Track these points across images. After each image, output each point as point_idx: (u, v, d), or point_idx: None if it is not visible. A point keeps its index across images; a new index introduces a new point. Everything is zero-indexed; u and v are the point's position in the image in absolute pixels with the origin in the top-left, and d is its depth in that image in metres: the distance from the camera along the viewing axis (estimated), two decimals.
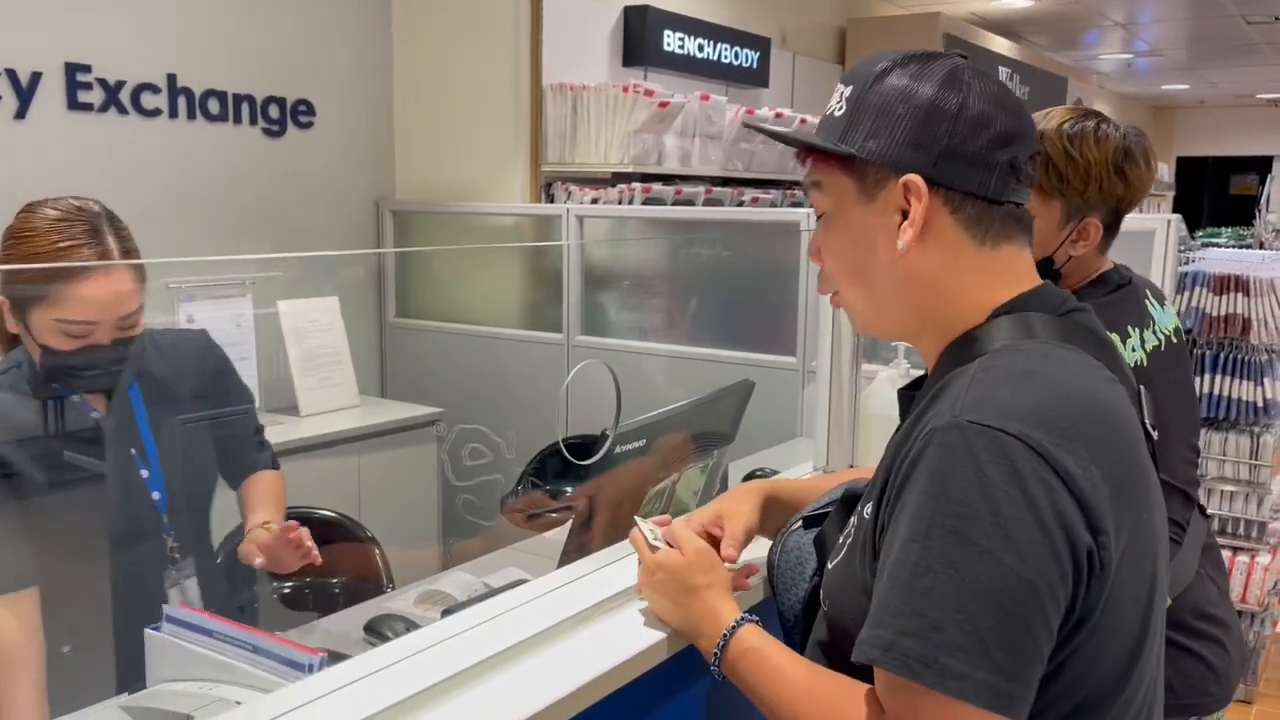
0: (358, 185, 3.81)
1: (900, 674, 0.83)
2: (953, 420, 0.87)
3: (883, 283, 1.01)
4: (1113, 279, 1.66)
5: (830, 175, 1.02)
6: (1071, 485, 0.84)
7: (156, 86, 3.18)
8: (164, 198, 3.20)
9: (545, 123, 3.71)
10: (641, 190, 3.65)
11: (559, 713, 0.98)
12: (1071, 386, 0.91)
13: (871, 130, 0.98)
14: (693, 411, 1.75)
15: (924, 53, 1.01)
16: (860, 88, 1.00)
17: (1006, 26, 7.63)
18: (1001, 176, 0.98)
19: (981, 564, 0.82)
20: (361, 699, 0.94)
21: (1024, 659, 0.83)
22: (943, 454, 0.86)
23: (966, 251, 0.99)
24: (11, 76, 2.85)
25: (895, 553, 0.87)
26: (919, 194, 0.96)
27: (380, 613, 1.72)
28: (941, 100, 0.96)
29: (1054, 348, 0.95)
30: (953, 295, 0.99)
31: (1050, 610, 0.84)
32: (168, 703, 1.06)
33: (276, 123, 3.52)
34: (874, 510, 0.95)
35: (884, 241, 0.99)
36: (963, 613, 0.82)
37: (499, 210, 3.70)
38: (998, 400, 0.88)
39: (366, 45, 3.78)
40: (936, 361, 1.02)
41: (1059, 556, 0.83)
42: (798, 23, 5.50)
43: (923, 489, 0.86)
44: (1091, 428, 0.88)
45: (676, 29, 4.27)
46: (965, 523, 0.83)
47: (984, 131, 0.97)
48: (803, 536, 1.23)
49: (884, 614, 0.86)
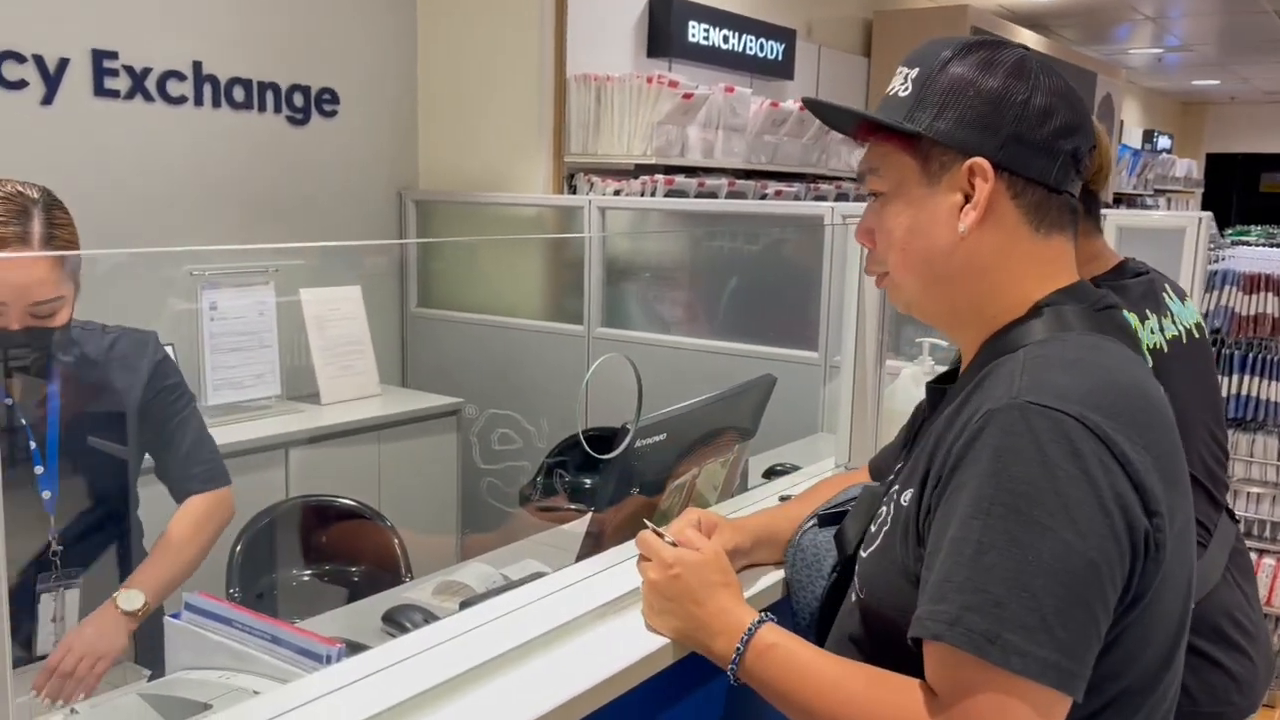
0: (381, 174, 3.82)
1: (965, 649, 0.83)
2: (1011, 401, 0.88)
3: (936, 266, 1.02)
4: (1130, 268, 1.69)
5: (891, 155, 1.03)
6: (1128, 467, 0.86)
7: (182, 74, 3.19)
8: (188, 185, 3.22)
9: (569, 113, 3.69)
10: (664, 182, 3.63)
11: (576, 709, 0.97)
12: (1119, 374, 0.93)
13: (939, 112, 0.99)
14: (714, 406, 1.73)
15: (993, 40, 1.03)
16: (928, 70, 1.01)
17: (1035, 19, 7.55)
18: (1064, 165, 1.00)
19: (1044, 542, 0.83)
20: (379, 691, 0.94)
21: (1084, 637, 0.83)
22: (1003, 434, 0.86)
23: (1022, 238, 1.00)
24: (39, 63, 2.86)
25: (955, 529, 0.87)
26: (985, 176, 0.98)
27: (399, 603, 1.72)
28: (1010, 88, 0.99)
29: (1097, 338, 0.97)
30: (1001, 282, 1.01)
31: (1109, 590, 0.84)
32: (186, 691, 1.06)
33: (301, 111, 3.53)
34: (916, 495, 0.95)
35: (943, 223, 1.00)
36: (1026, 590, 0.82)
37: (521, 201, 3.69)
38: (1055, 383, 0.89)
39: (391, 35, 3.77)
40: (977, 352, 1.02)
41: (1118, 537, 0.84)
42: (824, 15, 5.47)
43: (983, 468, 0.86)
44: (1141, 415, 0.90)
45: (701, 20, 4.25)
46: (1028, 501, 0.84)
47: (1049, 121, 0.98)
48: (818, 534, 1.22)
49: (947, 589, 0.85)
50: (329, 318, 3.33)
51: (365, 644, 1.21)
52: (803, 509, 1.33)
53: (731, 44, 4.42)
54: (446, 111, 3.82)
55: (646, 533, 1.16)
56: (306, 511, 2.58)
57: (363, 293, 3.46)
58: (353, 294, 3.42)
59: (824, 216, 2.99)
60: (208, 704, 1.01)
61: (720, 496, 1.81)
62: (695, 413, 1.68)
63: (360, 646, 1.16)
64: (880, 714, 0.92)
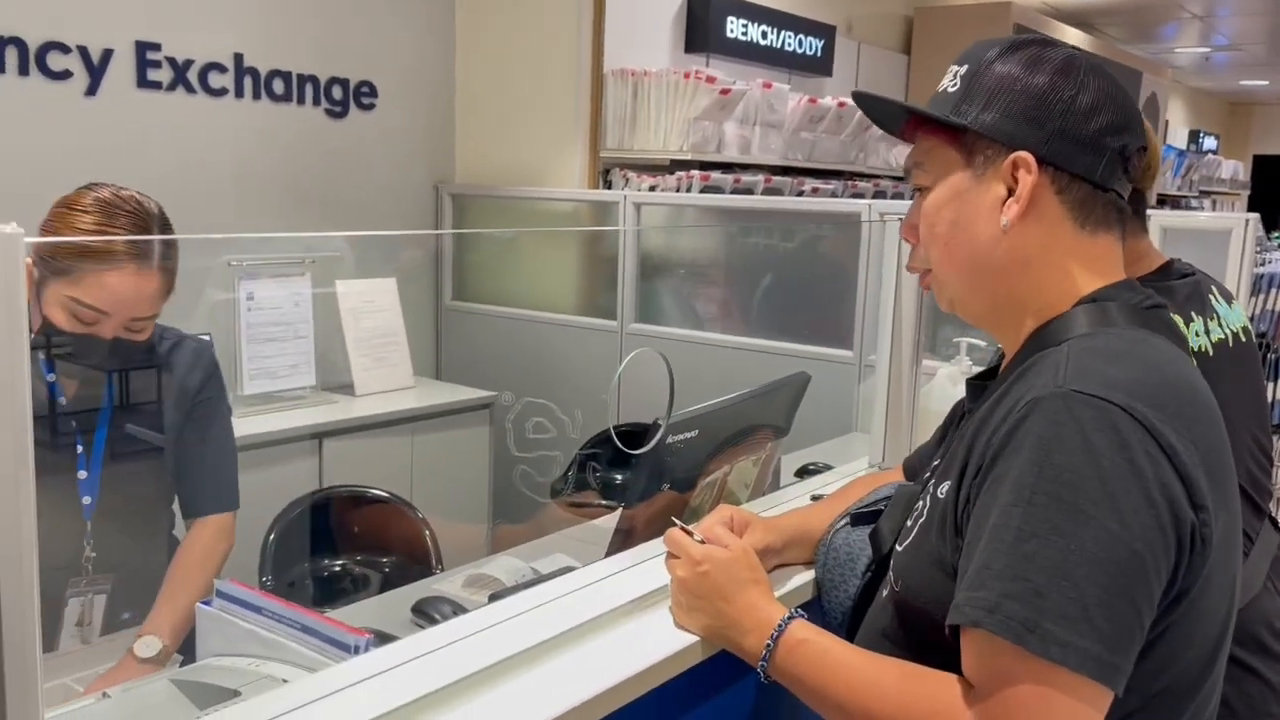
0: (418, 168, 3.83)
1: (1004, 636, 0.82)
2: (1056, 389, 0.86)
3: (980, 260, 1.01)
4: (1177, 269, 1.66)
5: (937, 149, 1.03)
6: (1174, 459, 0.84)
7: (223, 66, 3.22)
8: (227, 176, 3.25)
9: (605, 108, 3.69)
10: (700, 178, 3.62)
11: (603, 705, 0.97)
12: (1167, 368, 0.91)
13: (986, 105, 0.99)
14: (747, 403, 1.72)
15: (1043, 39, 1.03)
16: (976, 66, 1.02)
17: (1080, 17, 7.45)
18: (1110, 163, 0.99)
19: (1087, 531, 0.81)
20: (406, 683, 0.94)
21: (1126, 629, 0.82)
22: (1047, 422, 0.85)
23: (1066, 234, 0.99)
24: (84, 53, 2.90)
25: (996, 516, 0.86)
26: (1029, 169, 0.97)
27: (428, 594, 1.72)
28: (1057, 84, 0.98)
29: (1146, 333, 0.95)
30: (1045, 278, 1.00)
31: (1154, 582, 0.83)
32: (216, 678, 1.07)
33: (339, 104, 3.55)
34: (954, 486, 0.94)
35: (987, 217, 0.99)
36: (1067, 579, 0.81)
37: (556, 196, 3.69)
38: (1101, 373, 0.87)
39: (429, 28, 3.79)
40: (1020, 347, 1.01)
41: (1164, 529, 0.83)
42: (864, 11, 5.42)
43: (1026, 455, 0.85)
44: (1189, 408, 0.89)
45: (740, 15, 4.23)
46: (1071, 489, 0.82)
47: (1096, 117, 0.98)
48: (851, 533, 1.21)
49: (986, 576, 0.84)
50: (364, 310, 3.35)
51: (394, 635, 1.21)
52: (835, 508, 1.32)
53: (770, 40, 4.40)
54: (484, 105, 3.83)
55: (675, 530, 1.16)
56: (339, 501, 2.60)
57: (398, 285, 3.48)
58: (388, 286, 3.44)
59: (861, 214, 2.96)
60: (237, 691, 1.01)
61: (752, 495, 1.80)
62: (727, 410, 1.66)
63: (389, 637, 1.16)
64: (915, 707, 0.90)
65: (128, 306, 1.60)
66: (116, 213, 1.61)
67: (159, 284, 1.64)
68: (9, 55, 2.75)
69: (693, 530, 1.16)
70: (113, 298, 1.58)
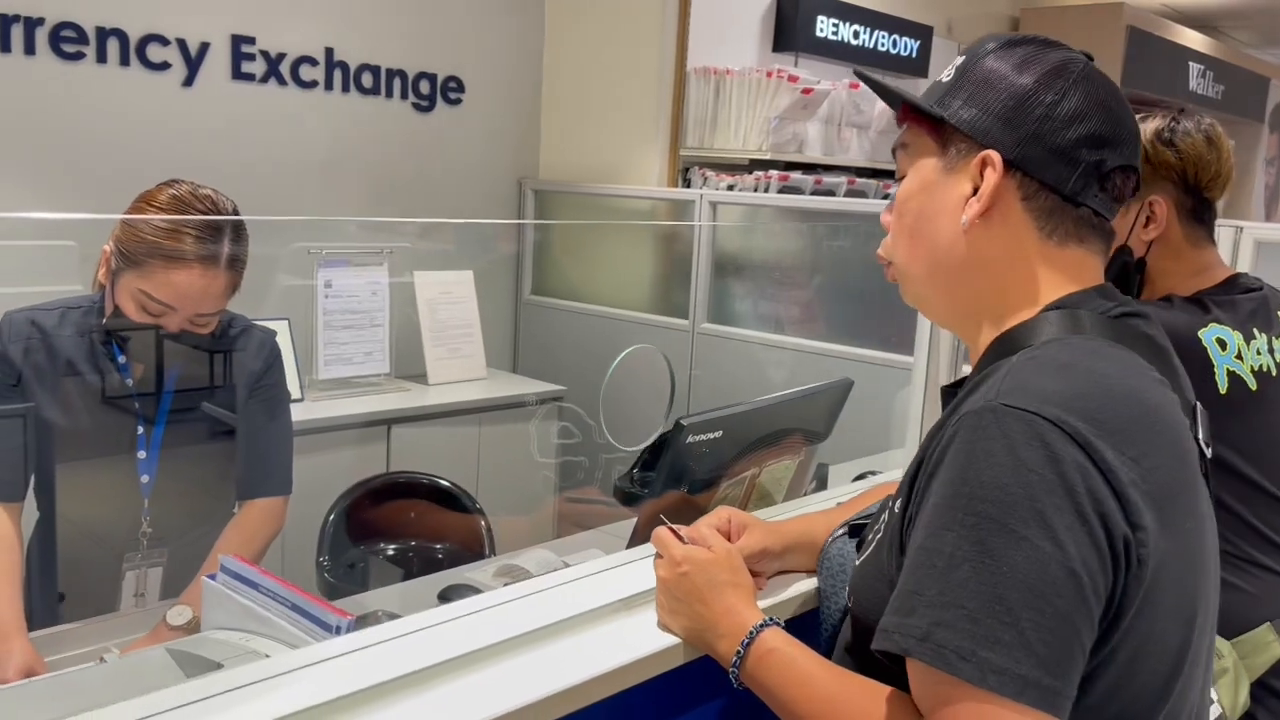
0: (502, 163, 3.89)
1: (937, 666, 0.79)
2: (987, 404, 0.83)
3: (939, 257, 0.99)
4: (1243, 282, 1.60)
5: (919, 138, 1.02)
6: (1109, 476, 0.80)
7: (315, 59, 3.32)
8: (315, 166, 3.35)
9: (687, 107, 3.68)
10: (778, 178, 3.58)
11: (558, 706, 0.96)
12: (1116, 381, 0.87)
13: (968, 100, 0.97)
14: (778, 407, 1.70)
15: (1044, 39, 0.99)
16: (971, 60, 1.00)
17: (1203, 20, 7.12)
18: (1084, 176, 0.95)
19: (1019, 552, 0.78)
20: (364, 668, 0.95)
21: (1067, 652, 0.78)
22: (975, 437, 0.82)
23: (1029, 242, 0.96)
24: (182, 46, 3.03)
25: (926, 539, 0.83)
26: (994, 169, 0.94)
27: (457, 581, 1.75)
28: (1041, 87, 0.95)
29: (1102, 344, 0.91)
30: (1006, 283, 0.97)
31: (1092, 601, 0.79)
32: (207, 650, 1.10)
33: (426, 98, 3.63)
34: (903, 503, 0.92)
35: (950, 213, 0.97)
36: (1001, 603, 0.77)
37: (635, 193, 3.71)
38: (1037, 386, 0.84)
39: (518, 25, 3.84)
40: (983, 354, 0.98)
41: (1099, 545, 0.79)
42: (967, 11, 5.29)
43: (955, 473, 0.82)
44: (1133, 425, 0.84)
45: (831, 14, 4.17)
46: (1001, 508, 0.79)
47: (1076, 127, 0.94)
48: (846, 543, 1.18)
49: (917, 603, 0.81)
50: (440, 301, 3.41)
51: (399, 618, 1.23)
52: (842, 516, 1.29)
53: (862, 40, 4.33)
54: (569, 102, 3.87)
55: (662, 529, 1.15)
56: (399, 487, 2.65)
57: (480, 278, 3.54)
58: (465, 279, 3.50)
59: None
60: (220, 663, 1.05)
61: (787, 498, 1.78)
62: (755, 413, 1.65)
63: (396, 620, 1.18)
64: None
65: (192, 303, 1.67)
66: (189, 211, 1.69)
67: (224, 283, 1.71)
68: (111, 46, 2.89)
69: (679, 530, 1.15)
70: (178, 294, 1.65)
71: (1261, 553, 1.52)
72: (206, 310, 1.70)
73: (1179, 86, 6.04)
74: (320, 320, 3.10)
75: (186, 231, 1.65)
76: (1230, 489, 1.50)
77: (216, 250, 1.68)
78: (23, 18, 2.72)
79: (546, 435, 3.23)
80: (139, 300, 1.65)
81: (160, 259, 1.64)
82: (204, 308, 1.69)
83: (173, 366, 1.79)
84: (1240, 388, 1.49)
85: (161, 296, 1.65)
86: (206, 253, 1.67)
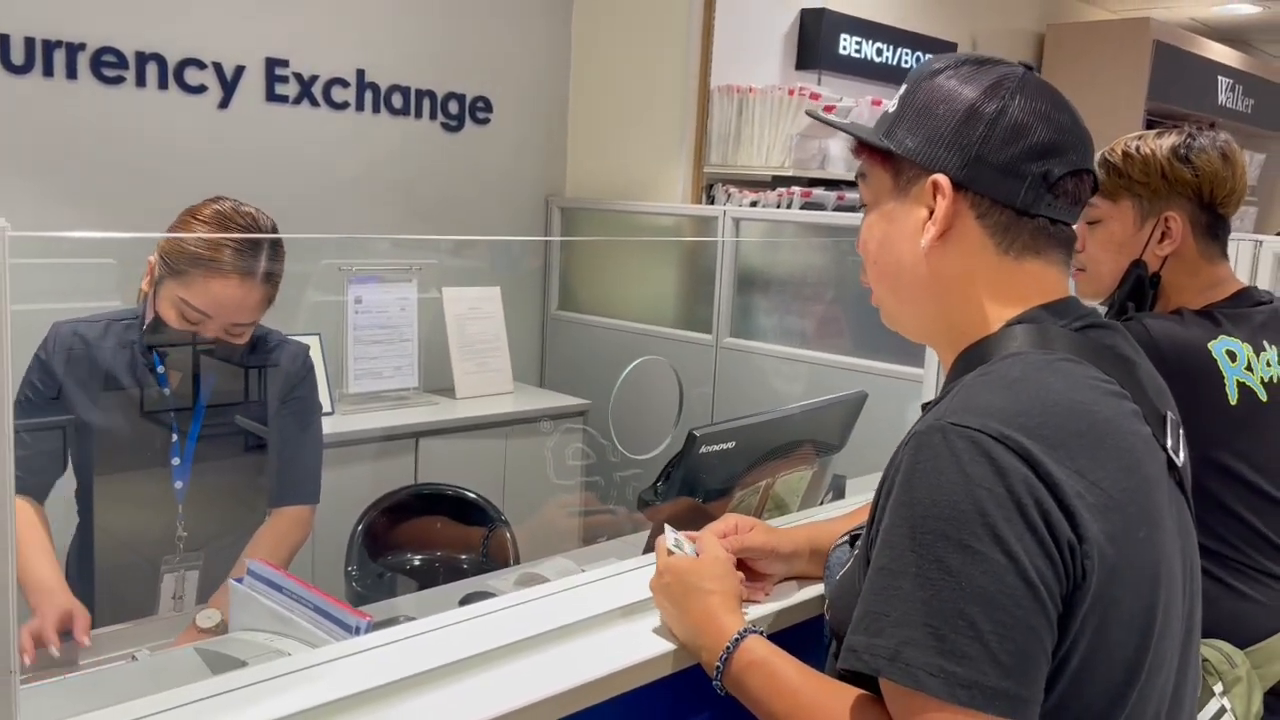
0: (530, 181, 3.95)
1: (907, 684, 0.82)
2: (935, 423, 0.86)
3: (905, 279, 1.02)
4: (1254, 295, 1.62)
5: (873, 168, 1.04)
6: (1054, 488, 0.83)
7: (346, 81, 3.40)
8: (347, 185, 3.42)
9: (710, 124, 3.73)
10: (801, 194, 3.61)
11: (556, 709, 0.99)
12: (1063, 395, 0.89)
13: (911, 127, 1.00)
14: (790, 418, 1.74)
15: (981, 57, 1.02)
16: (912, 86, 1.02)
17: (1233, 34, 7.08)
18: (1033, 188, 0.97)
19: (976, 566, 0.81)
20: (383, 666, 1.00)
21: (1030, 660, 0.81)
22: (923, 456, 0.85)
23: (987, 259, 0.98)
24: (218, 69, 3.12)
25: (887, 560, 0.85)
26: (944, 193, 0.97)
27: (478, 589, 1.80)
28: (980, 105, 0.97)
29: (1056, 359, 0.93)
30: (968, 301, 0.99)
31: (1050, 607, 0.82)
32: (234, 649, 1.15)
33: (455, 118, 3.70)
34: (870, 522, 0.95)
35: (909, 238, 1.00)
36: (963, 618, 0.80)
37: (659, 210, 3.75)
38: (983, 403, 0.87)
39: (545, 46, 3.90)
40: (950, 368, 1.01)
41: (1050, 554, 0.82)
42: (991, 27, 5.30)
43: (906, 495, 0.85)
44: (1077, 437, 0.86)
45: (854, 32, 4.20)
46: (953, 525, 0.82)
47: (1019, 141, 0.96)
48: (847, 552, 1.21)
49: (884, 623, 0.84)
50: (468, 316, 3.47)
51: None
52: (850, 524, 1.32)
53: (885, 57, 4.36)
54: (595, 121, 3.93)
55: (660, 537, 1.18)
56: (426, 499, 2.71)
57: (508, 294, 3.60)
58: (492, 294, 3.56)
59: None
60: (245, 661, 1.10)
61: (802, 507, 1.81)
62: (768, 424, 1.68)
63: None
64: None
65: (229, 312, 1.76)
66: (230, 226, 1.78)
67: (260, 295, 1.79)
68: (150, 71, 2.98)
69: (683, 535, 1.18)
70: (216, 303, 1.74)
71: (1274, 563, 1.53)
72: (241, 320, 1.78)
73: (1207, 101, 6.01)
74: (350, 335, 3.17)
75: (227, 245, 1.74)
76: (1242, 499, 1.52)
77: (254, 264, 1.77)
78: (65, 43, 2.82)
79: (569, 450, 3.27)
80: (179, 308, 1.74)
81: (201, 269, 1.73)
82: (239, 317, 1.78)
83: (209, 377, 1.86)
84: (1251, 399, 1.51)
85: (199, 304, 1.73)
86: (244, 265, 1.76)
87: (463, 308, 3.46)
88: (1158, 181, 1.58)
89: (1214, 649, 1.40)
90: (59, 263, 2.14)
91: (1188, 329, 1.54)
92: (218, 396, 1.90)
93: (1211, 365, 1.50)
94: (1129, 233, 1.59)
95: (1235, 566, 1.51)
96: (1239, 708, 1.40)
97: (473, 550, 2.61)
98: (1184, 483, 0.98)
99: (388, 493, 2.62)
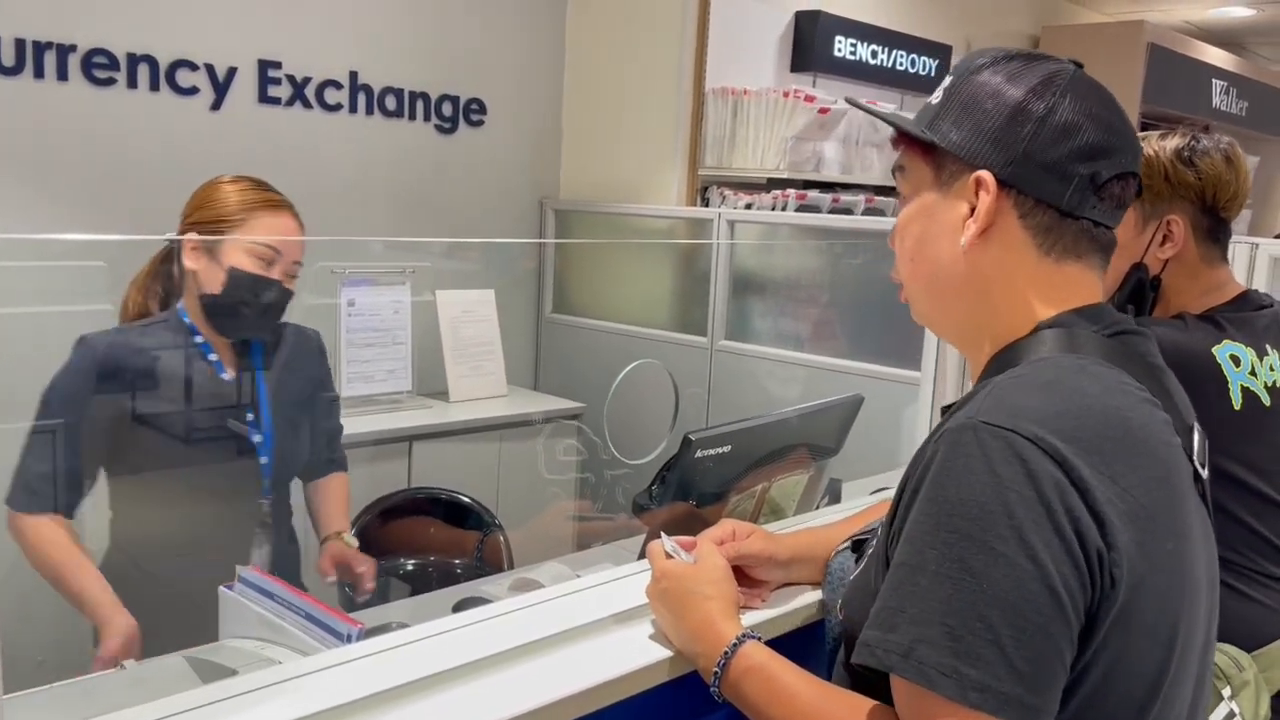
0: (524, 183, 3.94)
1: (918, 682, 0.80)
2: (966, 422, 0.85)
3: (941, 276, 1.00)
4: (1256, 299, 1.61)
5: (914, 161, 1.02)
6: (1085, 493, 0.81)
7: (339, 83, 3.39)
8: (341, 188, 3.41)
9: (705, 127, 3.72)
10: (796, 197, 3.61)
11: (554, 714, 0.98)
12: (1097, 400, 0.87)
13: (956, 121, 0.98)
14: (786, 422, 1.73)
15: (1030, 53, 1.00)
16: (958, 79, 1.00)
17: (1228, 37, 7.09)
18: (1079, 190, 0.95)
19: (999, 569, 0.79)
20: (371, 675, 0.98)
21: (1047, 669, 0.79)
22: (954, 454, 0.83)
23: (1028, 259, 0.96)
24: (210, 71, 3.10)
25: (907, 555, 0.84)
26: (988, 190, 0.95)
27: (472, 594, 1.79)
28: (1029, 103, 0.95)
29: (1091, 363, 0.91)
30: (1005, 302, 0.97)
31: (1072, 617, 0.80)
32: (224, 657, 1.14)
33: (449, 120, 3.68)
34: (889, 520, 0.93)
35: (949, 234, 0.98)
36: (981, 620, 0.79)
37: (653, 212, 3.74)
38: (1017, 404, 0.85)
39: (539, 47, 3.89)
40: (981, 372, 0.99)
41: (1076, 561, 0.80)
42: (985, 30, 5.31)
43: (934, 492, 0.84)
44: (1112, 443, 0.85)
45: (849, 35, 4.20)
46: (979, 525, 0.80)
47: (1067, 141, 0.94)
48: (848, 558, 1.20)
49: (900, 619, 0.83)
50: (462, 319, 3.46)
51: None
52: (849, 529, 1.31)
53: (880, 59, 4.35)
54: (589, 123, 3.91)
55: (654, 543, 1.17)
56: (419, 503, 2.69)
57: (502, 296, 3.58)
58: (486, 298, 3.54)
59: None
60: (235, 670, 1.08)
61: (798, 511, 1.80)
62: (763, 428, 1.67)
63: None
64: None
65: (293, 247, 1.87)
66: (252, 186, 1.89)
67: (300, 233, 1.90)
68: (141, 72, 2.96)
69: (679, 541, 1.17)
70: (282, 236, 1.84)
71: (1278, 566, 1.52)
72: (298, 259, 1.89)
73: (1201, 103, 6.02)
74: (344, 338, 3.15)
75: (270, 188, 1.88)
76: (1245, 504, 1.51)
77: (286, 206, 1.89)
78: (55, 45, 2.80)
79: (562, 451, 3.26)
80: (252, 251, 1.82)
81: (263, 209, 1.84)
82: (298, 255, 1.88)
83: (256, 356, 1.95)
84: (1254, 404, 1.50)
85: (271, 240, 1.82)
86: (289, 204, 1.89)
87: (456, 310, 3.45)
88: (1160, 184, 1.56)
89: (1221, 653, 1.39)
90: (49, 265, 2.13)
91: (1191, 334, 1.53)
92: (270, 369, 1.99)
93: (1216, 370, 1.49)
94: (1130, 235, 1.57)
95: (1240, 570, 1.50)
96: (1247, 711, 1.40)
97: (466, 555, 2.59)
98: (1206, 495, 0.97)
99: (381, 497, 2.60)
